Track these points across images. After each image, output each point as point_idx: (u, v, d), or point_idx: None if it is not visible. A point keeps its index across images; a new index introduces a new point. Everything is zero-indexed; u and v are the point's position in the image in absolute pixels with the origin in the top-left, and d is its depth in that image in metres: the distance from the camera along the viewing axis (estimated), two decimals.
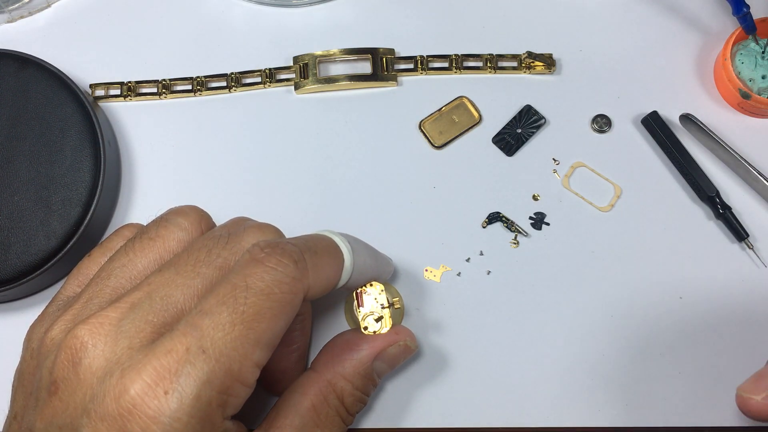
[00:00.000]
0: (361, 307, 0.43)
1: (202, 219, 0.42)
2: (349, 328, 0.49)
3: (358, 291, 0.44)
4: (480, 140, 0.54)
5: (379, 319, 0.43)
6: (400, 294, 0.49)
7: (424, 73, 0.55)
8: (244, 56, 0.56)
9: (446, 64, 0.55)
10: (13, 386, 0.40)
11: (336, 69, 0.56)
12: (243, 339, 0.34)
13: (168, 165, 0.53)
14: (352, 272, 0.41)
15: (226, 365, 0.34)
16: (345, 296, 0.49)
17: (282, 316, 0.36)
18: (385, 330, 0.43)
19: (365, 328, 0.43)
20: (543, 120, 0.54)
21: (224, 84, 0.55)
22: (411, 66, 0.55)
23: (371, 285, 0.44)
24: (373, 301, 0.43)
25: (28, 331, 0.41)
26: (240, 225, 0.42)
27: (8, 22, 0.56)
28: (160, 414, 0.32)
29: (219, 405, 0.34)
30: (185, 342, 0.33)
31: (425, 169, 0.53)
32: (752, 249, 0.51)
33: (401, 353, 0.44)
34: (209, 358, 0.33)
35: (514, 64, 0.55)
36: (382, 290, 0.44)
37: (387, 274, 0.46)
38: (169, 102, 0.55)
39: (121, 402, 0.33)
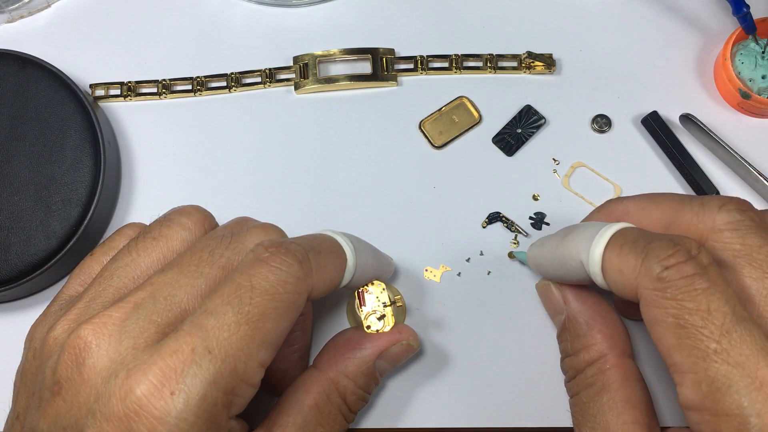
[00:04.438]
0: (363, 306, 0.44)
1: (206, 219, 0.42)
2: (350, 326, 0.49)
3: (360, 290, 0.44)
4: (480, 140, 0.54)
5: (381, 318, 0.43)
6: (400, 293, 0.49)
7: (424, 73, 0.55)
8: (244, 56, 0.56)
9: (446, 64, 0.55)
10: (15, 386, 0.40)
11: (336, 69, 0.56)
12: (248, 339, 0.34)
13: (168, 165, 0.53)
14: (354, 272, 0.41)
15: (232, 365, 0.34)
16: (346, 296, 0.49)
17: (286, 316, 0.36)
18: (387, 328, 0.43)
19: (368, 327, 0.43)
20: (543, 120, 0.54)
21: (224, 84, 0.55)
22: (411, 66, 0.55)
23: (372, 284, 0.44)
24: (374, 300, 0.44)
25: (30, 331, 0.41)
26: (242, 225, 0.42)
27: (8, 22, 0.56)
28: (167, 414, 0.32)
29: (224, 405, 0.34)
30: (191, 342, 0.33)
31: (425, 169, 0.53)
32: None
33: (403, 352, 0.44)
34: (215, 359, 0.33)
35: (514, 64, 0.55)
36: (383, 289, 0.44)
37: (388, 274, 0.46)
38: (169, 102, 0.55)
39: (127, 402, 0.33)
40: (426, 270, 0.51)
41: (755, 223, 0.36)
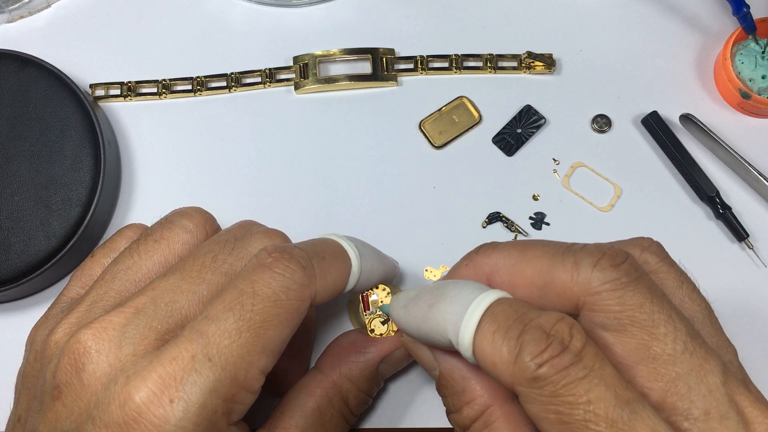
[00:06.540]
0: (367, 310, 0.43)
1: (207, 221, 0.42)
2: (353, 328, 0.49)
3: (364, 294, 0.43)
4: (480, 140, 0.54)
5: (385, 322, 0.43)
6: None
7: (424, 73, 0.55)
8: (244, 56, 0.56)
9: (446, 64, 0.55)
10: (16, 388, 0.40)
11: (336, 69, 0.56)
12: (249, 347, 0.34)
13: (168, 165, 0.53)
14: (359, 277, 0.40)
15: (232, 373, 0.33)
16: (348, 297, 0.49)
17: (288, 323, 0.35)
18: (391, 333, 0.43)
19: (372, 331, 0.43)
20: (543, 120, 0.54)
21: (224, 84, 0.55)
22: (411, 66, 0.55)
23: (377, 288, 0.44)
24: (379, 304, 0.43)
25: (31, 333, 0.41)
26: (246, 230, 0.41)
27: (8, 22, 0.56)
28: (165, 422, 0.32)
29: (224, 413, 0.34)
30: (191, 349, 0.33)
31: (425, 169, 0.53)
32: (752, 249, 0.51)
33: (406, 356, 0.43)
34: (215, 366, 0.33)
35: (514, 64, 0.55)
36: (388, 293, 0.43)
37: (393, 277, 0.46)
38: (169, 102, 0.55)
39: (126, 409, 0.32)
40: (426, 270, 0.51)
41: (631, 278, 0.33)
